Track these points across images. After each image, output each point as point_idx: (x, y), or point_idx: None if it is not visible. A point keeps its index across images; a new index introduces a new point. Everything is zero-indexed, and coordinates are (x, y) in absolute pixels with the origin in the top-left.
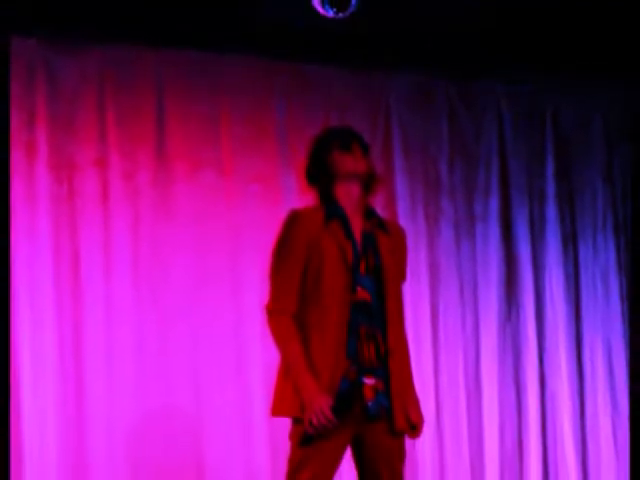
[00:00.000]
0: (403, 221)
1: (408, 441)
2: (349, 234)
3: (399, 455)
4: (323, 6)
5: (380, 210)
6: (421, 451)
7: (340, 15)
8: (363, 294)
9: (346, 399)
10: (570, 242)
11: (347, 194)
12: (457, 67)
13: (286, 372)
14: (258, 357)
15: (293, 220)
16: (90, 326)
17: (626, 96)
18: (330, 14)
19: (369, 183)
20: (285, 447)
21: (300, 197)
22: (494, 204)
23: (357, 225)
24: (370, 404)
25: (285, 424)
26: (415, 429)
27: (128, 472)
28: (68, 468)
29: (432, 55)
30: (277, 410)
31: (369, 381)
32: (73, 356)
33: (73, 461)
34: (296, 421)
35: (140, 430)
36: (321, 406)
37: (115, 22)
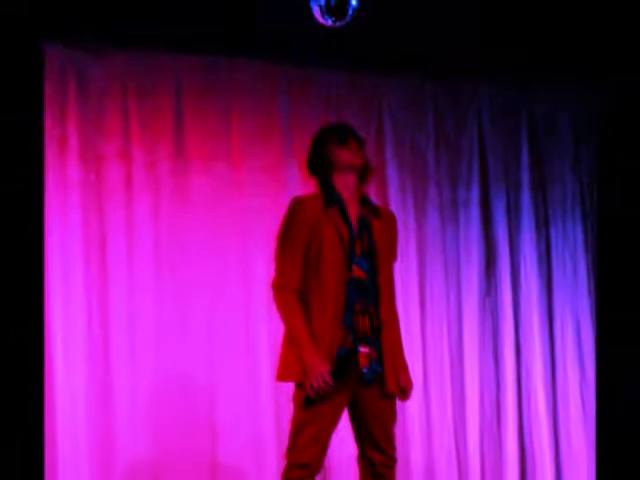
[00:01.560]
0: (394, 207)
1: (398, 403)
2: (346, 219)
3: (391, 416)
4: (323, 16)
5: (373, 197)
6: (410, 412)
7: (338, 24)
8: (358, 272)
9: (343, 365)
10: (542, 226)
11: (344, 183)
12: (442, 70)
13: (290, 342)
14: (265, 328)
15: (296, 206)
16: (115, 300)
17: (591, 98)
18: (329, 23)
19: (364, 174)
20: (289, 409)
21: (302, 186)
22: (475, 192)
23: (353, 211)
24: (365, 370)
25: (289, 388)
26: (405, 393)
27: (149, 432)
28: (96, 429)
29: (420, 59)
30: (282, 376)
31: (364, 349)
32: (100, 327)
33: (100, 423)
34: (299, 386)
35: (159, 394)
36: (321, 372)
37: (138, 29)
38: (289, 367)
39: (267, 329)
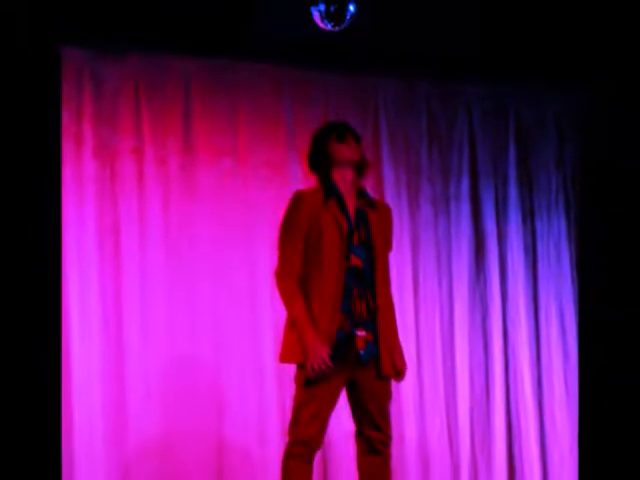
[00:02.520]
0: (389, 201)
1: (393, 383)
2: (344, 211)
3: (386, 395)
4: (322, 21)
5: (370, 191)
6: (404, 392)
7: (336, 28)
8: (356, 261)
9: (341, 348)
10: (528, 218)
11: (342, 178)
12: (435, 71)
13: (292, 326)
14: (268, 313)
15: (297, 199)
16: (128, 287)
17: (574, 97)
18: (328, 27)
19: (361, 168)
20: (291, 388)
21: (304, 180)
22: (465, 186)
23: (351, 203)
24: (362, 352)
25: (291, 369)
26: (399, 374)
27: (159, 411)
28: (110, 406)
29: (414, 61)
30: (284, 357)
31: (361, 333)
32: (114, 312)
33: (114, 401)
34: (300, 367)
35: (169, 374)
36: (321, 354)
37: (149, 33)
38: (291, 349)
39: (270, 314)
